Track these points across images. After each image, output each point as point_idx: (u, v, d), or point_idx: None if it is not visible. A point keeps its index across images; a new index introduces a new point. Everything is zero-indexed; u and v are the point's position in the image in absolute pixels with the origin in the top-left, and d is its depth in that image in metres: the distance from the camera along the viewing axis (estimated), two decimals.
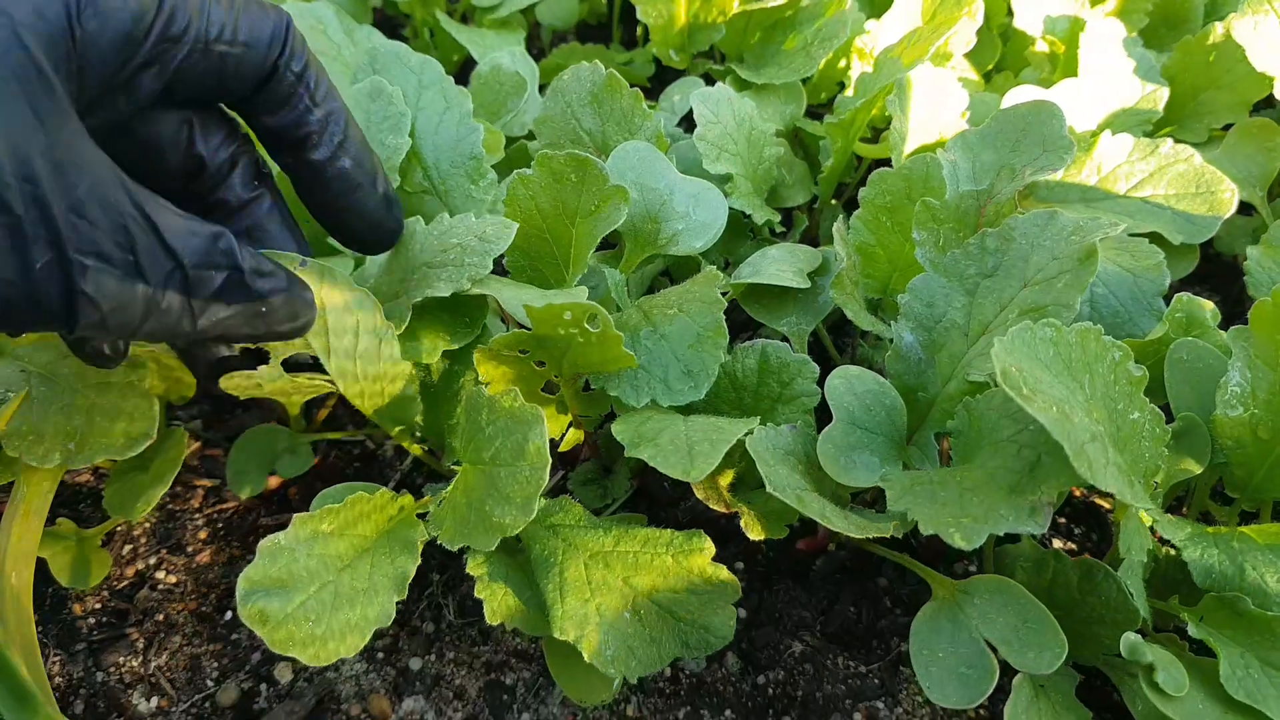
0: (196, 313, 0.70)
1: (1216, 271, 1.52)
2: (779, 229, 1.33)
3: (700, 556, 0.91)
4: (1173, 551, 0.99)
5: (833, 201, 1.43)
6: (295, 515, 0.82)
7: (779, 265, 1.12)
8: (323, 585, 0.80)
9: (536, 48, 1.95)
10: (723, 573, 0.92)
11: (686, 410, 1.01)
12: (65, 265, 0.62)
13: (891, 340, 1.02)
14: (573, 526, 0.94)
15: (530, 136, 1.40)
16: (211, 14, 0.72)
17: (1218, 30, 1.47)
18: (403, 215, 0.95)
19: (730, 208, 1.17)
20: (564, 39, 1.94)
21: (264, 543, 0.80)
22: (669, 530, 0.93)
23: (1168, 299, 1.17)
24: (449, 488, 0.90)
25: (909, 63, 1.35)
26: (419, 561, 0.85)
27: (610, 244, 1.29)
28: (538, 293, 0.94)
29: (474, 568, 0.90)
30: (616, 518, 0.99)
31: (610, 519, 0.96)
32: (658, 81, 1.73)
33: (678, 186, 1.16)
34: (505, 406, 0.86)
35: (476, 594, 0.89)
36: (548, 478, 0.82)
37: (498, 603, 0.89)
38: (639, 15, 1.49)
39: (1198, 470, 0.96)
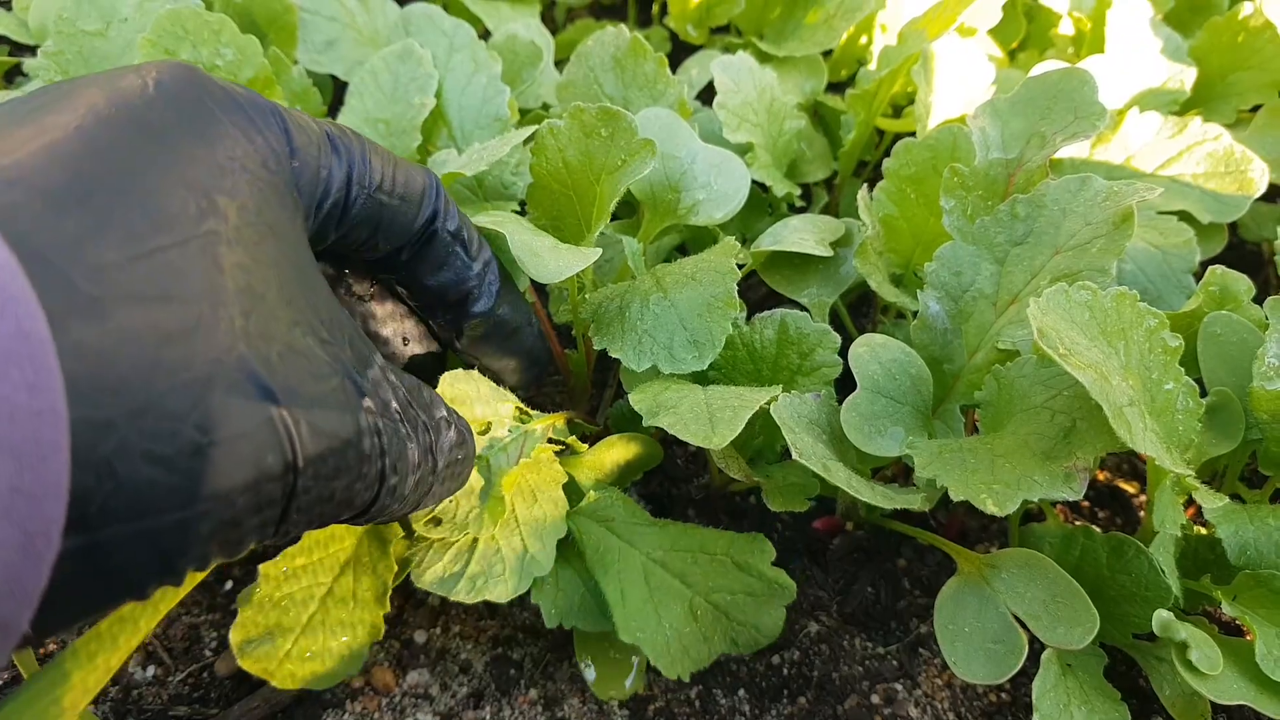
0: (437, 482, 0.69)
1: (1242, 259, 1.49)
2: (798, 204, 1.30)
3: (761, 558, 0.90)
4: (1204, 531, 0.96)
5: (853, 178, 1.40)
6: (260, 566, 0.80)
7: (800, 234, 1.09)
8: (310, 619, 0.79)
9: (551, 25, 1.92)
10: (781, 576, 0.90)
11: (703, 382, 0.99)
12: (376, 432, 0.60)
13: (915, 314, 0.99)
14: (627, 522, 0.91)
15: (545, 108, 1.37)
16: (372, 162, 0.72)
17: (1247, 9, 1.44)
18: (551, 344, 0.98)
19: (750, 180, 1.14)
20: (579, 16, 1.91)
21: (243, 594, 0.79)
22: (728, 533, 0.91)
23: (1197, 279, 1.15)
24: None
25: (934, 35, 1.32)
26: (395, 567, 0.82)
27: (627, 214, 1.26)
28: (551, 242, 0.91)
29: None
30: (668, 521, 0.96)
31: (665, 520, 0.93)
32: (673, 60, 1.70)
33: (700, 155, 1.13)
34: None
35: (533, 599, 0.86)
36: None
37: (553, 604, 0.87)
38: None
39: (1231, 446, 0.93)
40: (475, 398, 0.81)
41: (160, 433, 0.47)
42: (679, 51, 1.70)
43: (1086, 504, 1.17)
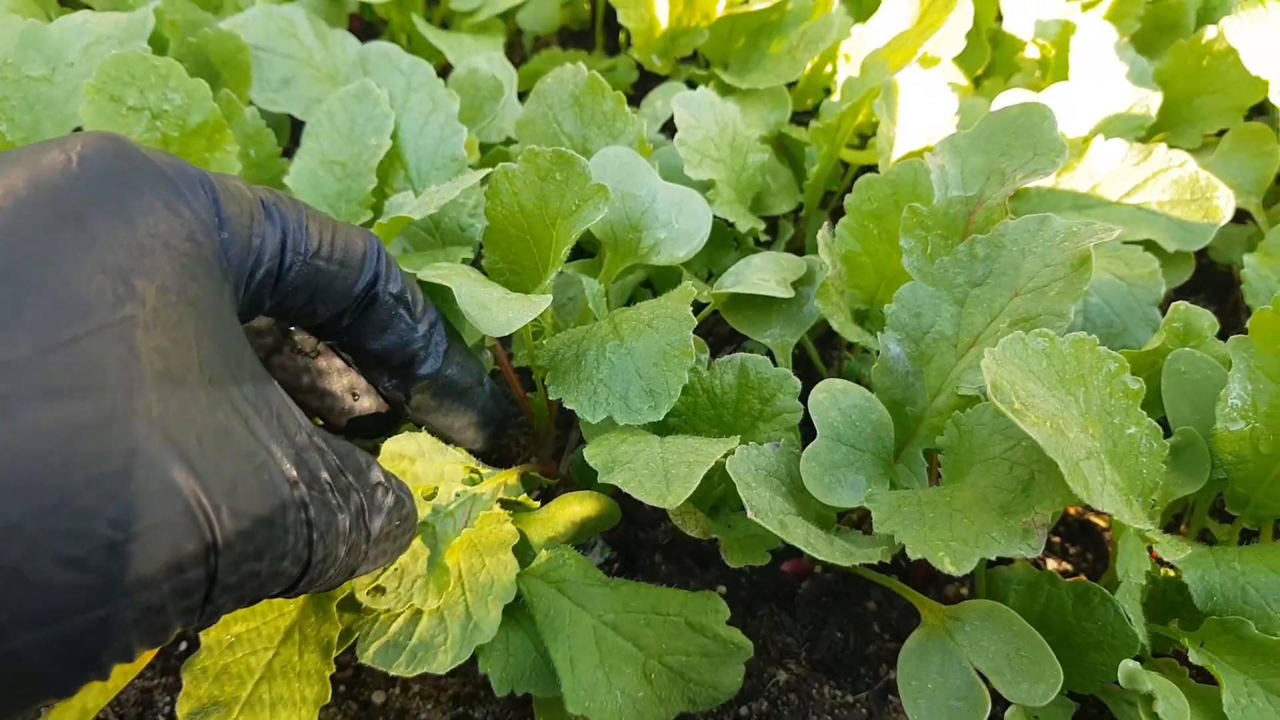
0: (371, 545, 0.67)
1: (1212, 281, 1.48)
2: (764, 238, 1.29)
3: (714, 618, 0.87)
4: (1172, 572, 0.95)
5: (819, 210, 1.39)
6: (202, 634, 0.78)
7: (762, 274, 1.08)
8: (252, 692, 0.76)
9: (518, 54, 1.91)
10: (736, 635, 0.88)
11: (663, 429, 0.97)
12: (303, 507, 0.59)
13: (878, 353, 0.98)
14: (579, 583, 0.89)
15: (508, 143, 1.36)
16: (309, 228, 0.70)
17: (1210, 34, 1.44)
18: (516, 404, 0.94)
19: (713, 216, 1.13)
20: (547, 45, 1.90)
21: (187, 662, 0.77)
22: (681, 592, 0.89)
23: (1163, 309, 1.14)
24: None
25: (896, 66, 1.31)
26: (338, 636, 0.80)
27: (589, 252, 1.25)
28: (500, 293, 0.90)
29: None
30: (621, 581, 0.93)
31: (618, 580, 0.91)
32: (640, 89, 1.70)
33: (660, 193, 1.12)
34: None
35: (481, 668, 0.84)
36: None
37: (502, 670, 0.85)
38: (620, 19, 1.45)
39: (1196, 487, 0.92)
40: (418, 456, 0.79)
41: (73, 532, 0.46)
42: (646, 81, 1.69)
43: (1057, 539, 1.16)
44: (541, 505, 0.94)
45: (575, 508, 0.92)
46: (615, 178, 1.12)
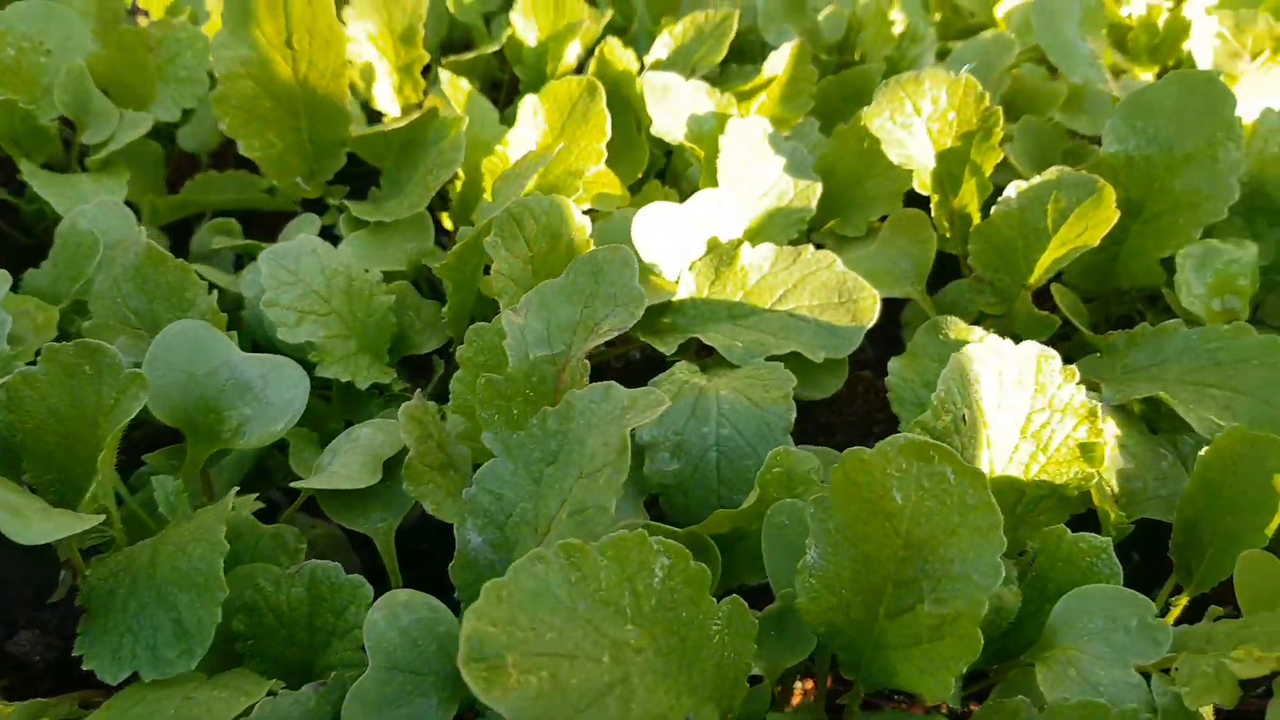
0: None
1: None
2: (397, 388, 1.18)
3: None
4: None
5: None
6: None
7: (352, 457, 0.97)
8: None
9: (178, 175, 1.75)
10: None
11: (235, 657, 0.86)
12: None
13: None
14: None
15: None
16: None
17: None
18: None
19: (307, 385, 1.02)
20: (207, 166, 1.75)
21: None
22: None
23: (819, 420, 1.09)
24: None
25: (530, 189, 1.24)
26: None
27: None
28: (40, 505, 0.79)
29: None
30: None
31: None
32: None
33: (242, 366, 1.01)
34: None
35: None
36: None
37: None
38: (241, 150, 1.33)
39: (801, 657, 0.85)
40: None
41: None
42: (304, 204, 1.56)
43: None
44: None
45: None
46: (185, 356, 1.00)
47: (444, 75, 1.37)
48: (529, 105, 1.27)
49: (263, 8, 1.24)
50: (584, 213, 1.32)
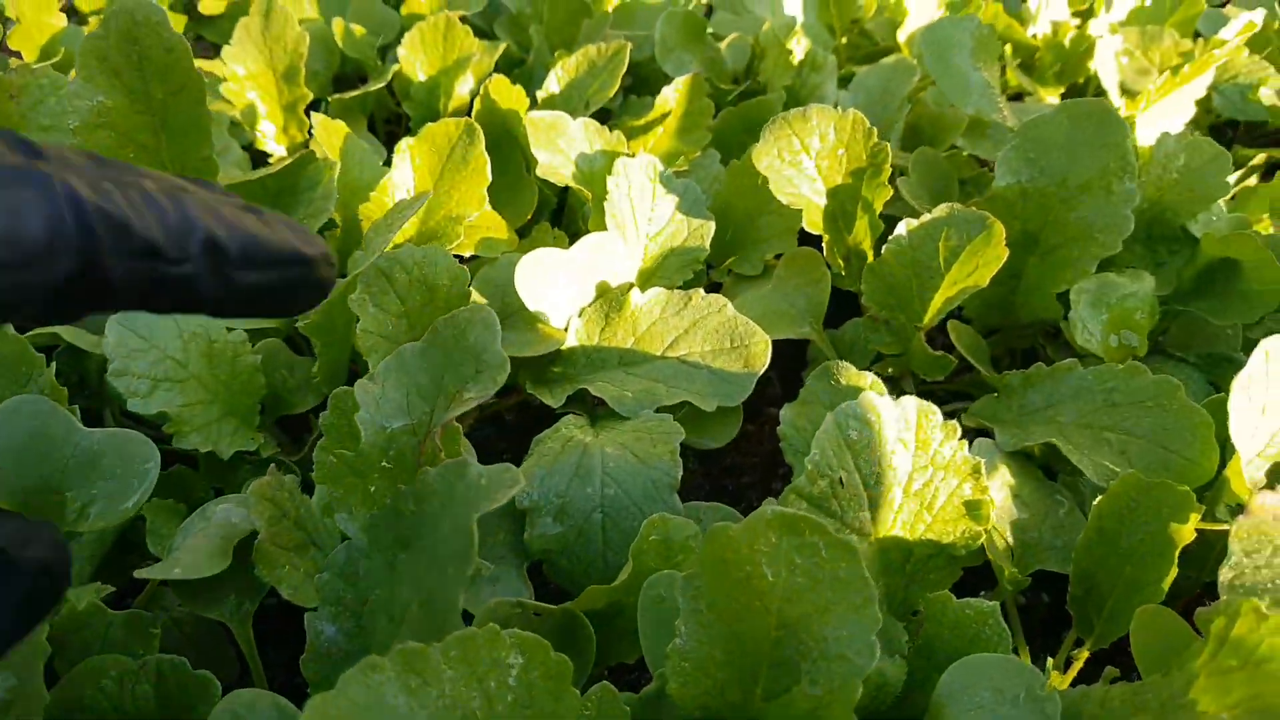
0: None
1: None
2: (266, 452, 1.12)
3: None
4: None
5: None
6: None
7: (200, 540, 0.91)
8: None
9: None
10: None
11: None
12: None
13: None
14: None
15: None
16: None
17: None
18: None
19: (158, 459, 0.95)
20: None
21: None
22: None
23: (724, 463, 1.04)
24: None
25: (409, 234, 1.18)
26: None
27: None
28: None
29: None
30: None
31: None
32: None
33: (85, 442, 0.94)
34: None
35: None
36: None
37: None
38: None
39: None
40: None
41: None
42: None
43: None
44: None
45: None
46: (24, 432, 0.93)
47: (316, 118, 1.30)
48: (404, 149, 1.22)
49: (116, 53, 1.16)
50: (468, 259, 1.28)
